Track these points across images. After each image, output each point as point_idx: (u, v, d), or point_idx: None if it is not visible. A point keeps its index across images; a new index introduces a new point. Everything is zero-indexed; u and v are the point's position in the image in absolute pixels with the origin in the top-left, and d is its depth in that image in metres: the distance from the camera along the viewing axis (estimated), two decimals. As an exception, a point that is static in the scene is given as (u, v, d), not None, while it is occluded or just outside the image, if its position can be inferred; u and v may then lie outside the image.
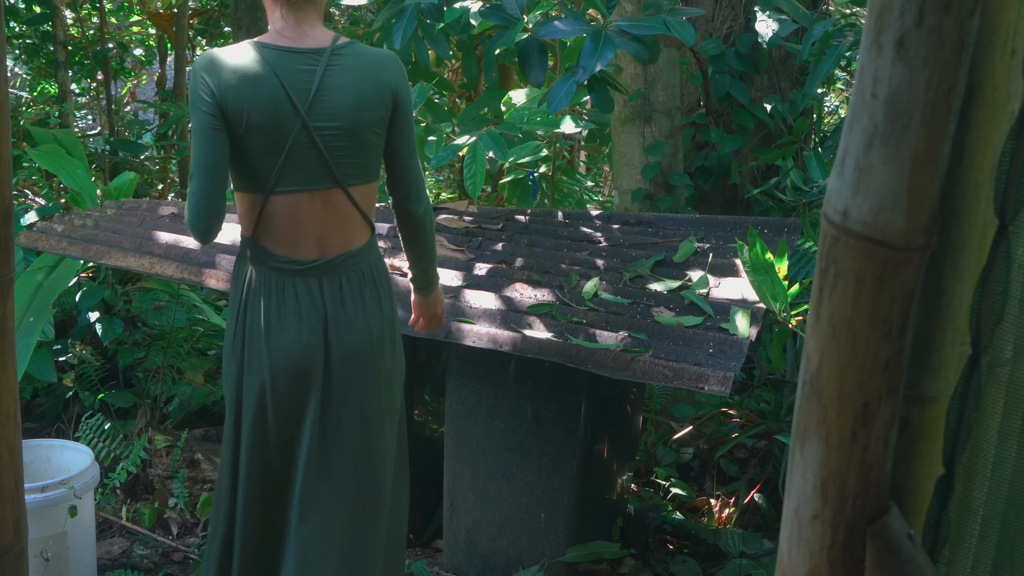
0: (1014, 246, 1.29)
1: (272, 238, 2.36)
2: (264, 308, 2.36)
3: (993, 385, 1.33)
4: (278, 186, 2.32)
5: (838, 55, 3.43)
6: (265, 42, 2.33)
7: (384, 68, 2.37)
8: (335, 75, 2.31)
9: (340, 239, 2.38)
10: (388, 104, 2.37)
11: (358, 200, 2.39)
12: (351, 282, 2.40)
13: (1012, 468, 1.36)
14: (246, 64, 2.27)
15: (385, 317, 2.46)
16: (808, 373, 1.20)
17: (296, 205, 2.34)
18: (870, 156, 1.11)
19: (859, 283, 1.14)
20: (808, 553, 1.23)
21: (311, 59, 2.31)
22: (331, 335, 2.36)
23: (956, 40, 1.06)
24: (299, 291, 2.36)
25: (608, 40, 2.95)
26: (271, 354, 2.35)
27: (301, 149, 2.30)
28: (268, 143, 2.28)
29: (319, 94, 2.30)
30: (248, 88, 2.24)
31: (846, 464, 1.18)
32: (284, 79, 2.27)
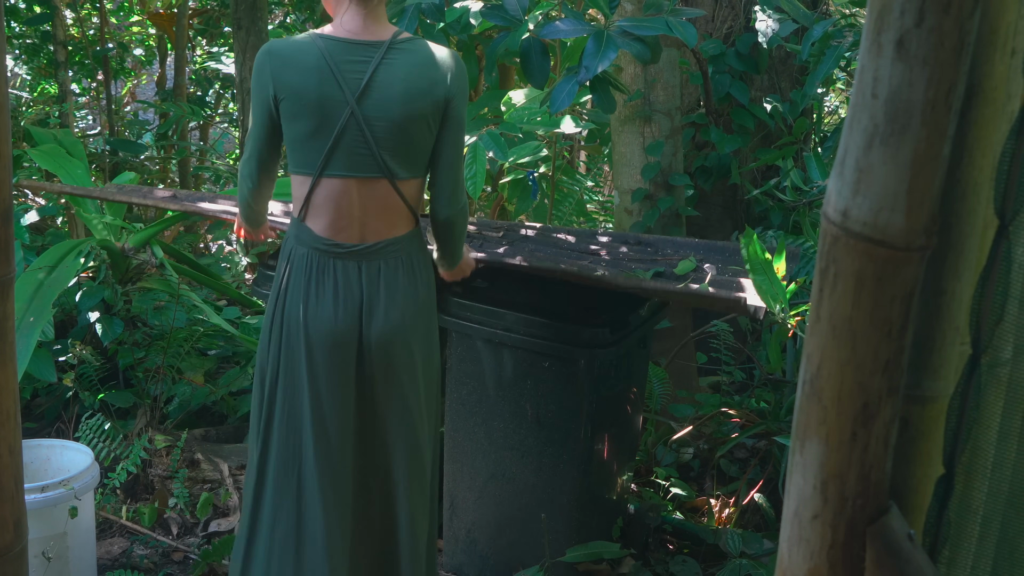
0: (1014, 246, 1.29)
1: (317, 220, 2.46)
2: (304, 287, 2.46)
3: (993, 385, 1.33)
4: (326, 170, 2.41)
5: (838, 55, 3.43)
6: (324, 33, 2.42)
7: (441, 66, 2.41)
8: (389, 69, 2.38)
9: (382, 226, 2.46)
10: (439, 103, 2.41)
11: (404, 192, 2.46)
12: (389, 268, 2.47)
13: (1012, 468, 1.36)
14: (302, 52, 2.38)
15: (421, 305, 2.51)
16: (808, 373, 1.20)
17: (342, 190, 2.43)
18: (870, 156, 1.11)
19: (859, 283, 1.14)
20: (808, 553, 1.23)
21: (368, 51, 2.38)
22: (365, 318, 2.45)
23: (956, 40, 1.06)
24: (338, 273, 2.45)
25: (610, 41, 2.95)
26: (308, 331, 2.44)
27: (350, 137, 2.38)
28: (318, 128, 2.38)
29: (371, 85, 2.37)
30: (301, 73, 2.35)
31: (846, 464, 1.18)
32: (337, 68, 2.36)
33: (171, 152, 6.61)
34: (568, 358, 2.94)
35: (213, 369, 4.34)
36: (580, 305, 3.00)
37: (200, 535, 3.36)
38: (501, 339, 2.99)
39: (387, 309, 2.46)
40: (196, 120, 6.55)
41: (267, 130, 2.44)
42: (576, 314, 2.96)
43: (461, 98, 2.45)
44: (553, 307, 2.99)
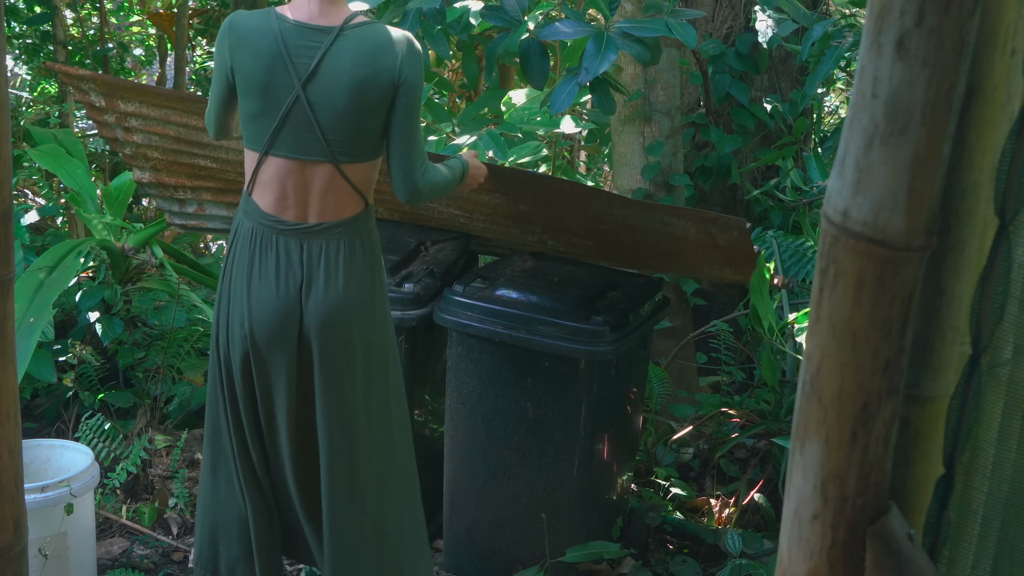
0: (1014, 246, 1.29)
1: (263, 196, 2.49)
2: (248, 261, 2.50)
3: (993, 385, 1.33)
4: (272, 149, 2.45)
5: (838, 55, 3.43)
6: (282, 13, 2.43)
7: (389, 52, 2.40)
8: (337, 55, 2.39)
9: (326, 208, 2.48)
10: (387, 89, 2.41)
11: (350, 176, 2.48)
12: (330, 249, 2.49)
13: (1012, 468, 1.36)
14: (258, 32, 2.42)
15: (361, 287, 2.52)
16: (808, 373, 1.20)
17: (287, 170, 2.46)
18: (870, 156, 1.11)
19: (859, 283, 1.14)
20: (808, 553, 1.23)
21: (320, 36, 2.40)
22: (304, 296, 2.48)
23: (956, 40, 1.06)
24: (280, 249, 2.48)
25: (611, 42, 2.96)
26: (251, 303, 2.48)
27: (297, 119, 2.41)
28: (266, 107, 2.42)
29: (318, 71, 2.39)
30: (253, 53, 2.40)
31: (846, 464, 1.18)
32: (288, 51, 2.39)
33: (171, 152, 6.59)
34: (568, 358, 2.94)
35: (213, 369, 4.33)
36: (580, 305, 2.99)
37: (200, 535, 3.36)
38: (501, 338, 2.99)
39: (326, 288, 2.48)
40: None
41: (224, 95, 2.52)
42: (576, 313, 2.96)
43: (412, 82, 2.43)
44: (553, 306, 2.99)
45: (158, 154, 3.59)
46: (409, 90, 2.43)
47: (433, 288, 3.22)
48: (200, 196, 3.74)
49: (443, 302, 3.10)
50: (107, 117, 3.52)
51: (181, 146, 3.53)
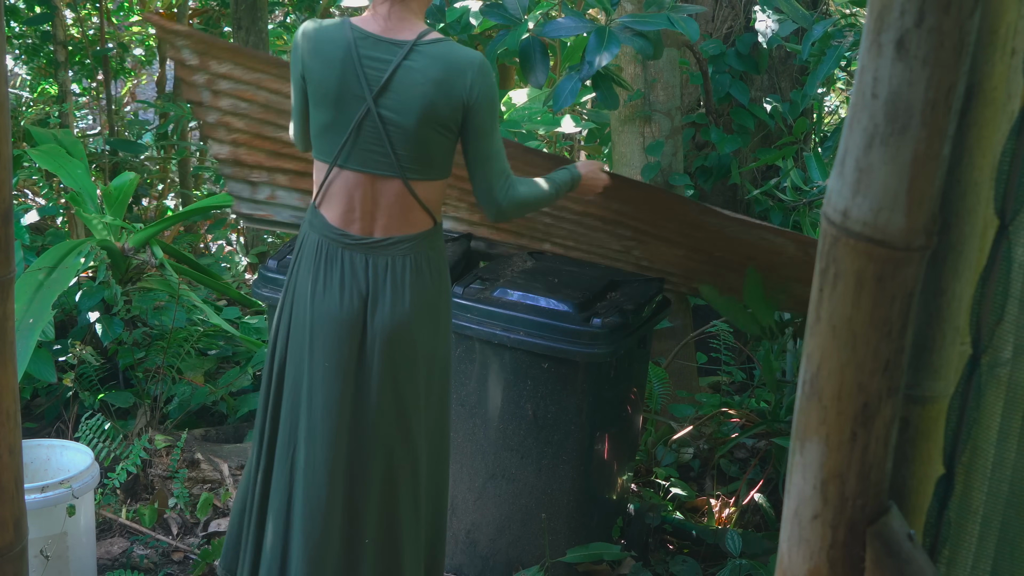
0: (1014, 246, 1.29)
1: (331, 209, 2.47)
2: (313, 273, 2.48)
3: (993, 385, 1.33)
4: (342, 162, 2.43)
5: (838, 55, 3.43)
6: (356, 24, 2.42)
7: (461, 71, 2.37)
8: (409, 71, 2.37)
9: (394, 223, 2.46)
10: (457, 108, 2.38)
11: (419, 194, 2.45)
12: (396, 266, 2.46)
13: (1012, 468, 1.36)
14: (332, 41, 2.40)
15: (427, 304, 2.50)
16: (808, 373, 1.20)
17: (356, 183, 2.44)
18: (870, 156, 1.11)
19: (859, 283, 1.14)
20: (808, 553, 1.23)
21: (392, 49, 2.38)
22: (369, 313, 2.46)
23: (956, 40, 1.06)
24: (345, 264, 2.46)
25: (613, 36, 2.96)
26: (314, 317, 2.46)
27: (367, 134, 2.40)
28: (337, 119, 2.40)
29: (389, 85, 2.36)
30: (326, 63, 2.39)
31: (846, 464, 1.18)
32: (361, 64, 2.37)
33: (171, 152, 6.60)
34: (567, 359, 2.94)
35: (213, 369, 4.34)
36: (579, 307, 2.99)
37: (200, 535, 3.36)
38: (500, 340, 2.99)
39: (392, 305, 2.46)
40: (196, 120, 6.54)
41: (302, 106, 2.51)
42: (575, 316, 2.96)
43: (484, 102, 2.40)
44: (552, 308, 2.99)
45: (242, 124, 3.45)
46: (481, 109, 2.40)
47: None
48: (275, 180, 3.59)
49: (443, 302, 3.10)
50: (197, 77, 3.38)
51: (269, 115, 3.40)
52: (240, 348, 4.39)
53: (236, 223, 6.04)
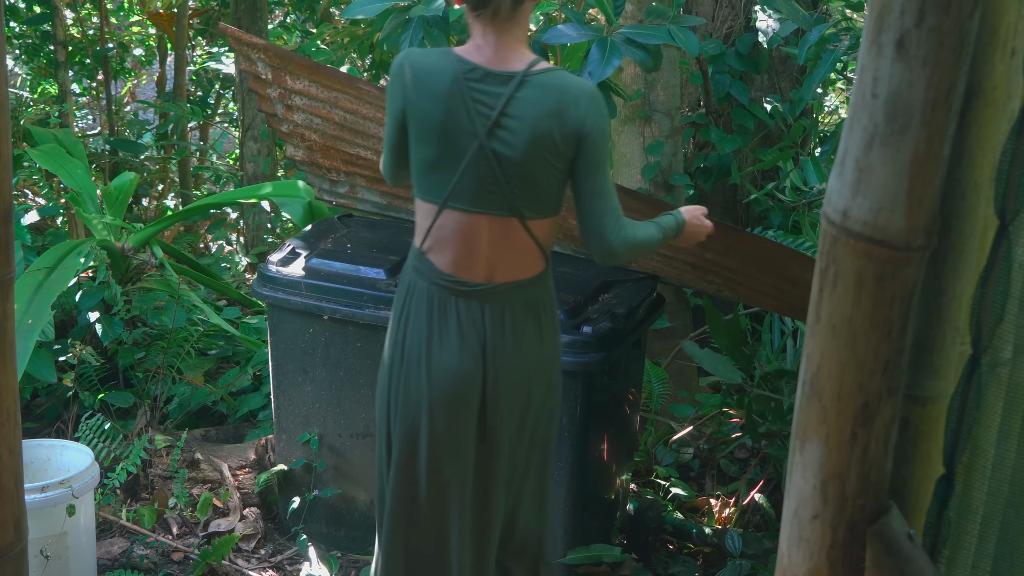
0: (1014, 246, 1.29)
1: (440, 255, 2.33)
2: (426, 324, 2.34)
3: (993, 385, 1.33)
4: (452, 201, 2.29)
5: (834, 59, 3.42)
6: (461, 55, 2.28)
7: (574, 104, 2.24)
8: (520, 104, 2.24)
9: (510, 267, 2.33)
10: (570, 142, 2.25)
11: (535, 232, 2.33)
12: (515, 311, 2.34)
13: (1012, 468, 1.36)
14: (435, 71, 2.27)
15: (545, 352, 2.40)
16: (808, 373, 1.20)
17: (469, 225, 2.30)
18: (870, 156, 1.11)
19: (859, 283, 1.14)
20: (808, 553, 1.23)
21: (501, 81, 2.25)
22: (489, 362, 2.34)
23: (956, 40, 1.06)
24: (461, 313, 2.33)
25: (615, 48, 2.96)
26: (432, 372, 2.34)
27: (479, 171, 2.26)
28: (443, 156, 2.27)
29: (501, 120, 2.24)
30: (430, 96, 2.26)
31: (846, 464, 1.18)
32: (469, 98, 2.24)
33: (171, 152, 6.60)
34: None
35: (213, 369, 4.33)
36: (570, 313, 2.99)
37: (200, 535, 3.36)
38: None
39: (512, 354, 2.34)
40: (196, 120, 6.54)
41: (397, 140, 2.36)
42: (566, 323, 2.94)
43: (597, 135, 2.27)
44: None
45: (316, 137, 3.38)
46: (594, 143, 2.26)
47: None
48: (354, 180, 3.51)
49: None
50: (270, 91, 3.31)
51: (343, 133, 3.33)
52: (240, 348, 4.39)
53: (236, 223, 6.05)
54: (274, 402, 3.36)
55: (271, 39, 5.86)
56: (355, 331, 3.16)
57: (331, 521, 3.37)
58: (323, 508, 3.35)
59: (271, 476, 3.35)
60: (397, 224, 3.61)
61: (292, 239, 3.46)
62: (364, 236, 3.45)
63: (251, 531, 3.36)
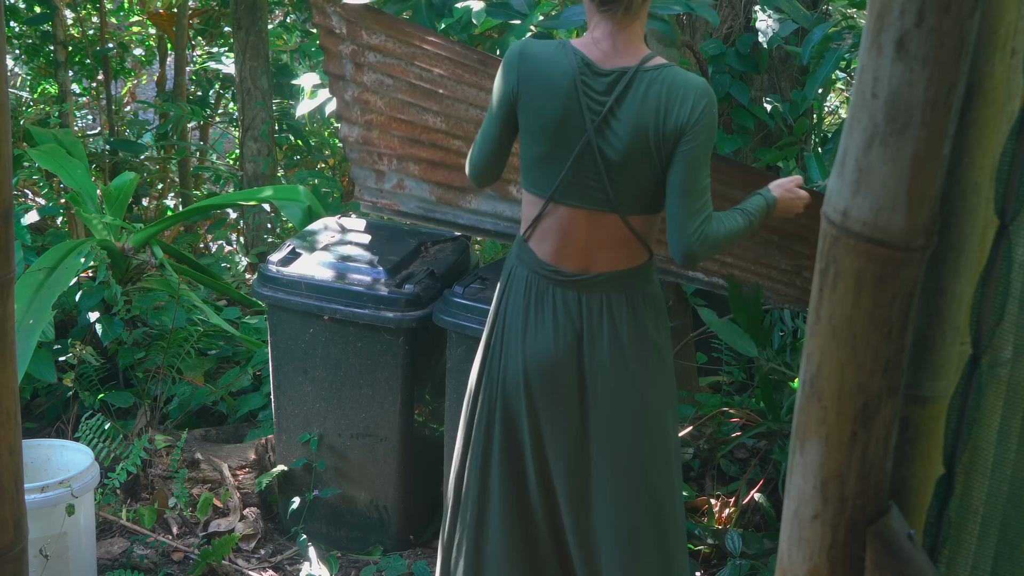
0: (1014, 246, 1.29)
1: (542, 244, 2.37)
2: (523, 311, 2.38)
3: (993, 385, 1.33)
4: (558, 196, 2.31)
5: (837, 58, 3.42)
6: (578, 49, 2.27)
7: (682, 100, 2.21)
8: (631, 99, 2.23)
9: (609, 258, 2.34)
10: (672, 136, 2.21)
11: (636, 227, 2.33)
12: (612, 302, 2.35)
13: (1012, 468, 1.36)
14: (553, 64, 2.27)
15: (645, 343, 2.37)
16: (808, 373, 1.20)
17: (571, 219, 2.32)
18: (870, 156, 1.11)
19: (859, 283, 1.14)
20: (808, 553, 1.23)
21: (614, 76, 2.24)
22: (585, 352, 2.35)
23: (956, 40, 1.06)
24: (557, 301, 2.36)
25: None
26: (527, 355, 2.36)
27: (584, 166, 2.27)
28: (553, 151, 2.28)
29: (609, 116, 2.24)
30: (548, 90, 2.26)
31: (846, 464, 1.18)
32: (582, 93, 2.24)
33: (171, 152, 6.60)
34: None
35: (213, 369, 4.34)
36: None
37: (200, 535, 3.36)
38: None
39: (611, 343, 2.34)
40: (196, 120, 6.54)
41: (500, 134, 2.36)
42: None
43: (701, 133, 2.21)
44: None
45: (382, 103, 3.25)
46: (696, 137, 2.21)
47: (433, 289, 3.22)
48: (405, 169, 3.36)
49: (443, 303, 3.10)
50: (343, 47, 3.18)
51: (414, 96, 3.21)
52: (240, 348, 4.39)
53: (236, 223, 6.04)
54: (274, 402, 3.36)
55: (271, 39, 5.86)
56: (355, 331, 3.16)
57: (331, 521, 3.37)
58: (323, 508, 3.35)
59: (271, 476, 3.35)
60: (397, 225, 3.60)
61: (292, 239, 3.46)
62: (364, 236, 3.45)
63: (251, 531, 3.36)
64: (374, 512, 3.33)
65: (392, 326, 3.12)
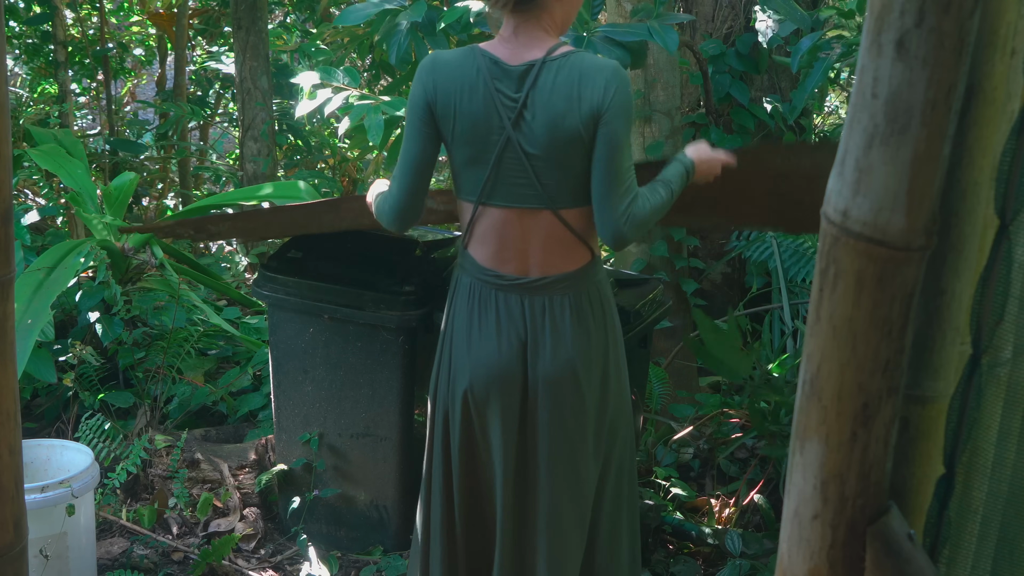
0: (1014, 246, 1.29)
1: (480, 250, 2.34)
2: (467, 317, 2.36)
3: (993, 385, 1.33)
4: (487, 199, 2.29)
5: (826, 67, 3.40)
6: (486, 50, 2.26)
7: (590, 83, 2.18)
8: (541, 91, 2.21)
9: (549, 260, 2.31)
10: (588, 121, 2.19)
11: (571, 223, 2.29)
12: (555, 305, 2.31)
13: (1012, 468, 1.36)
14: (462, 71, 2.25)
15: (594, 346, 2.34)
16: (808, 373, 1.20)
17: (504, 220, 2.30)
18: (870, 156, 1.11)
19: (859, 283, 1.14)
20: (808, 553, 1.23)
21: (523, 72, 2.22)
22: (530, 357, 2.33)
23: (956, 40, 1.06)
24: (500, 307, 2.33)
25: (591, 47, 2.95)
26: (472, 363, 2.34)
27: (509, 165, 2.25)
28: (475, 154, 2.26)
29: (524, 111, 2.22)
30: (459, 96, 2.24)
31: (846, 464, 1.18)
32: (494, 91, 2.23)
33: (171, 152, 6.61)
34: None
35: (213, 369, 4.34)
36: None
37: (200, 535, 3.36)
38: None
39: (553, 348, 2.30)
40: (196, 120, 6.55)
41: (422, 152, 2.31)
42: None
43: (617, 113, 2.19)
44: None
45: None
46: (613, 119, 2.18)
47: (433, 288, 3.22)
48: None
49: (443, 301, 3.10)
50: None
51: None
52: (240, 348, 4.40)
53: (236, 223, 6.04)
54: (274, 402, 3.36)
55: (271, 39, 5.86)
56: (355, 331, 3.16)
57: (331, 521, 3.37)
58: (323, 508, 3.35)
59: (271, 476, 3.35)
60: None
61: (292, 239, 3.46)
62: (364, 236, 3.45)
63: (251, 531, 3.36)
64: (374, 512, 3.33)
65: (392, 326, 3.12)
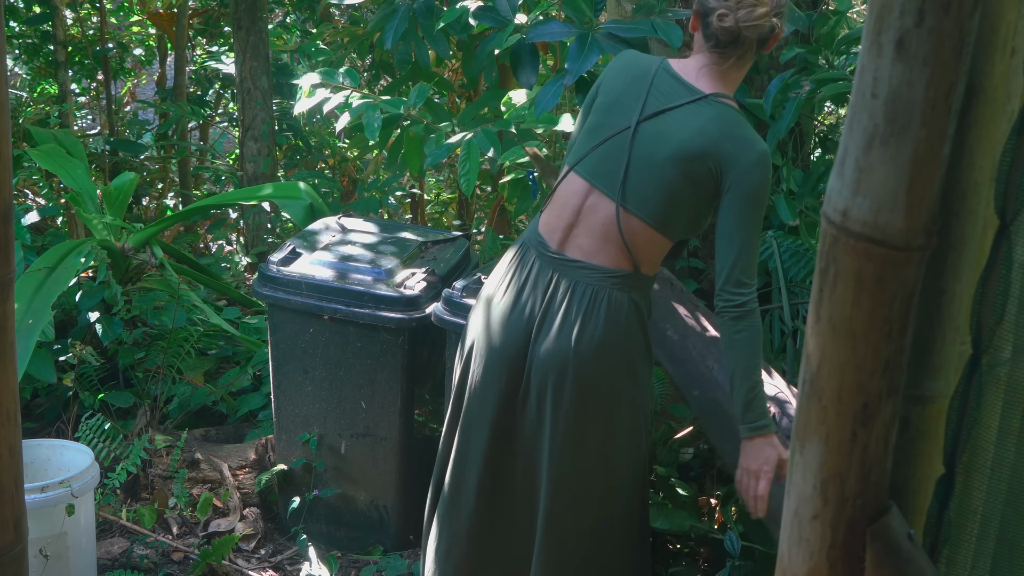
0: (1014, 246, 1.29)
1: (545, 214, 2.39)
2: (504, 273, 2.41)
3: (993, 385, 1.33)
4: (580, 165, 2.35)
5: (797, 105, 3.38)
6: (669, 63, 2.36)
7: (738, 145, 2.22)
8: (689, 114, 2.26)
9: (587, 246, 2.31)
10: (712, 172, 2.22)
11: (625, 227, 2.28)
12: (576, 295, 2.29)
13: (1012, 468, 1.36)
14: (639, 65, 2.38)
15: (597, 349, 2.27)
16: (808, 373, 1.20)
17: (574, 190, 2.35)
18: (870, 156, 1.11)
19: (859, 283, 1.14)
20: (808, 553, 1.23)
21: (685, 92, 2.29)
22: (535, 335, 2.32)
23: (956, 40, 1.06)
24: (531, 274, 2.35)
25: (594, 43, 2.96)
26: (489, 319, 2.39)
27: (614, 148, 2.31)
28: (601, 127, 2.34)
29: (662, 117, 2.27)
30: (621, 78, 2.36)
31: (846, 464, 1.18)
32: (652, 86, 2.30)
33: (171, 152, 6.60)
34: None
35: (213, 369, 4.33)
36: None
37: (200, 535, 3.36)
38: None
39: (556, 339, 2.28)
40: (196, 120, 6.54)
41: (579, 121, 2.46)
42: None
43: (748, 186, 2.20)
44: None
45: None
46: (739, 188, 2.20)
47: (433, 289, 3.22)
48: None
49: (443, 303, 3.10)
50: None
51: None
52: (240, 348, 4.39)
53: (236, 223, 6.04)
54: (274, 402, 3.36)
55: (271, 39, 5.86)
56: (355, 331, 3.16)
57: (331, 521, 3.37)
58: (323, 508, 3.35)
59: (271, 476, 3.35)
60: (397, 224, 3.60)
61: (292, 239, 3.46)
62: (364, 236, 3.45)
63: (251, 531, 3.36)
64: (374, 512, 3.33)
65: (392, 326, 3.12)
